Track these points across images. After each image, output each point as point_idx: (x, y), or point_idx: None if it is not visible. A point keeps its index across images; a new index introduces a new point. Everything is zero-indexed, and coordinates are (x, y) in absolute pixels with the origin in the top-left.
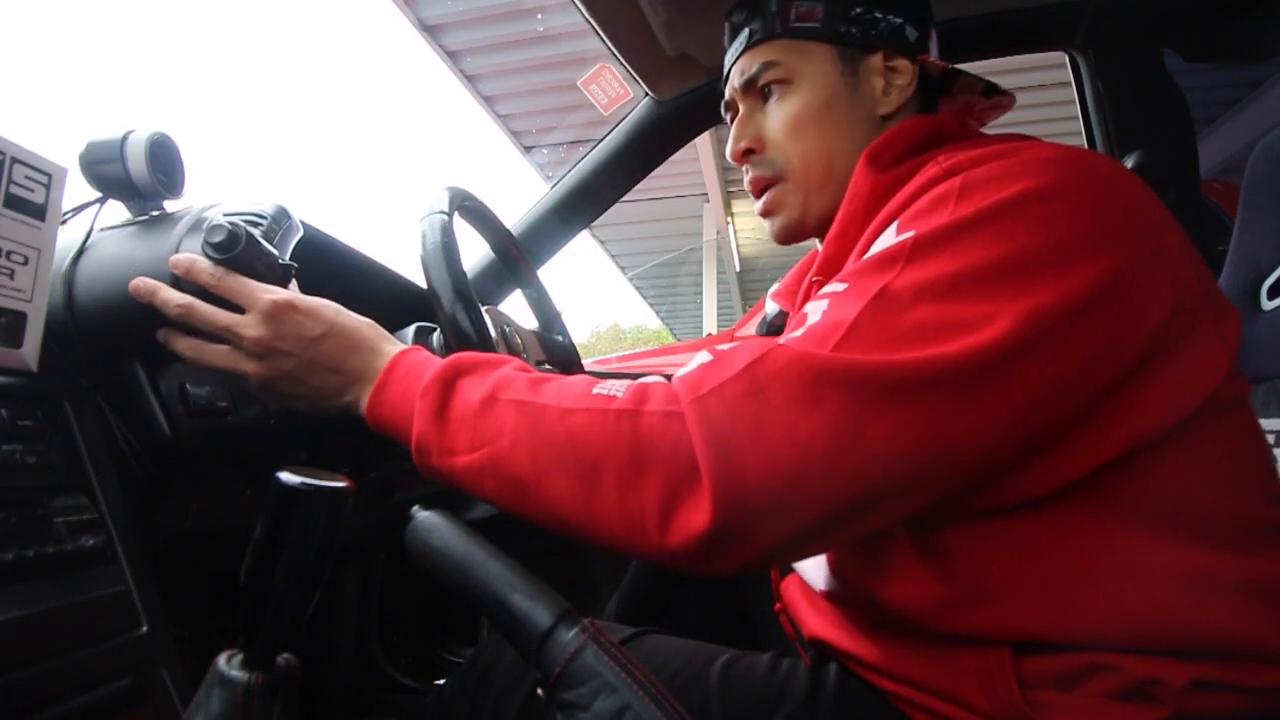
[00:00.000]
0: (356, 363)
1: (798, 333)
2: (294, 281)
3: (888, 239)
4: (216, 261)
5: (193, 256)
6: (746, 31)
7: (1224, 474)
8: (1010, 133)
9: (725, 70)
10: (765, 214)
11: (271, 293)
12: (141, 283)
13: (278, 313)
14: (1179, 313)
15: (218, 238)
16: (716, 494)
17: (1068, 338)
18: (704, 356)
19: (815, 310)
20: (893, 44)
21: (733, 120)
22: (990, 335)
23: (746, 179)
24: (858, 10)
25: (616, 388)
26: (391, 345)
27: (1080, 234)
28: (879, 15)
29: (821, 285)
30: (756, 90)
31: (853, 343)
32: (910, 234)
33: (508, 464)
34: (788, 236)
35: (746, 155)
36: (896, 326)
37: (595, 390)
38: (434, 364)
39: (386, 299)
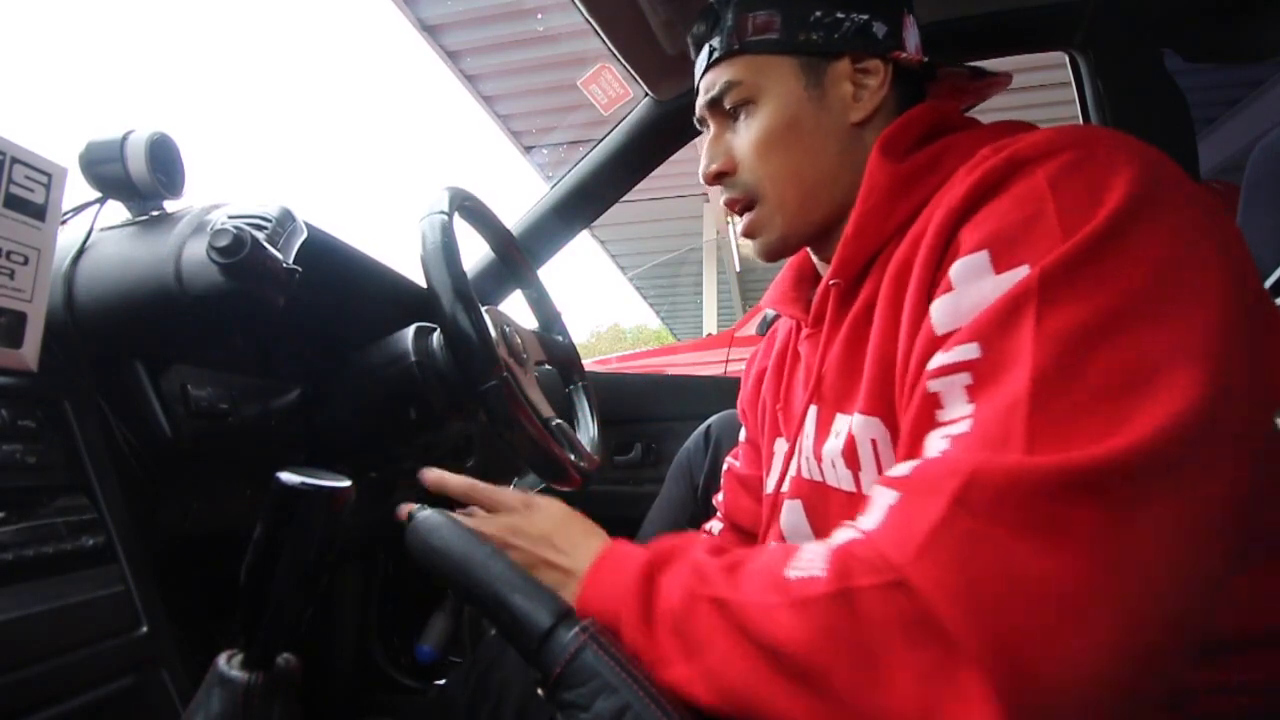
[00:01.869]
0: (566, 562)
1: (956, 429)
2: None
3: (981, 278)
4: (221, 266)
5: (443, 474)
6: (707, 48)
7: None
8: (1010, 120)
9: (695, 83)
10: (747, 235)
11: (506, 498)
12: (431, 474)
13: (511, 514)
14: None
15: (223, 242)
16: (989, 674)
17: (1244, 340)
18: (882, 496)
19: (953, 389)
20: (859, 45)
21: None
22: (1191, 371)
23: (723, 198)
24: (817, 14)
25: (815, 563)
26: (600, 540)
27: (1200, 234)
28: (841, 16)
29: (841, 290)
30: (721, 109)
31: (1048, 437)
32: (1025, 270)
33: (725, 678)
34: (773, 256)
35: (719, 177)
36: (1083, 397)
37: (791, 573)
38: (635, 560)
39: (387, 299)
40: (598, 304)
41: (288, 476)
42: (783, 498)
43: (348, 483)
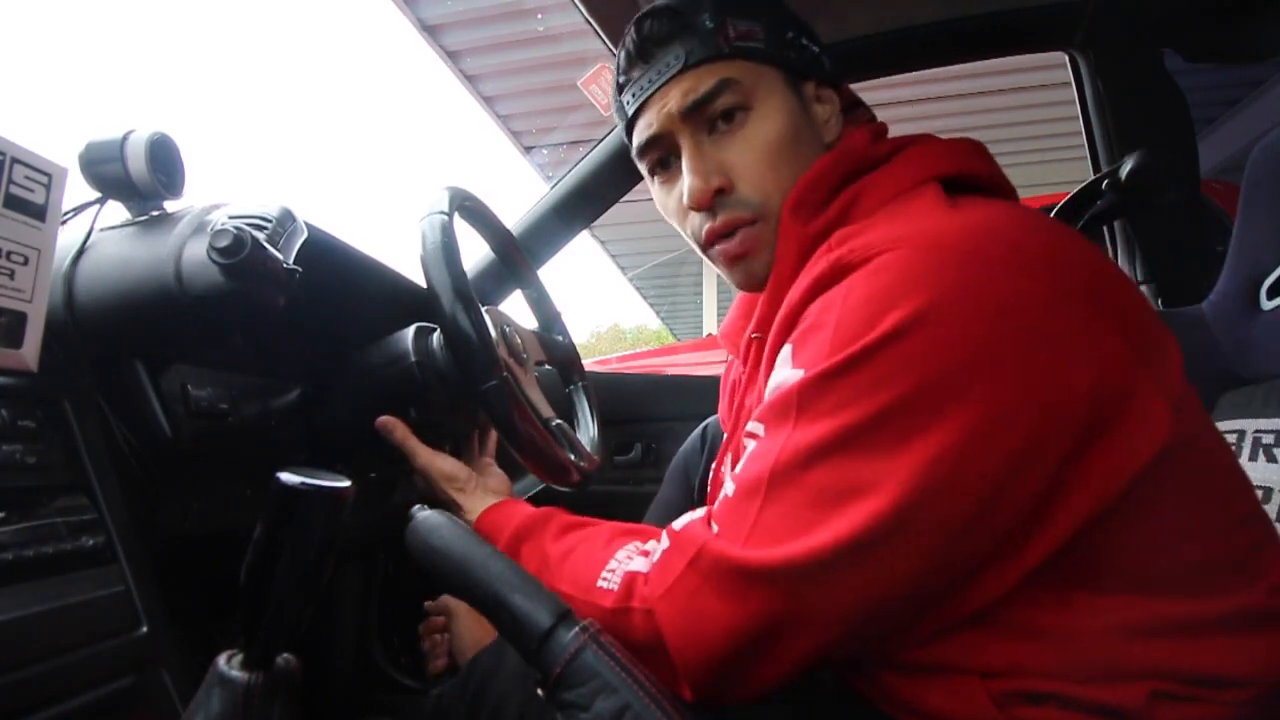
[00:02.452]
0: (465, 502)
1: (727, 487)
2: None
3: (784, 368)
4: (221, 266)
5: (391, 421)
6: (679, 51)
7: (1174, 522)
8: (912, 134)
9: (638, 100)
10: (739, 256)
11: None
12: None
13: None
14: (1105, 390)
15: (223, 242)
16: (688, 680)
17: (966, 476)
18: (662, 542)
19: (740, 465)
20: (820, 73)
21: (655, 162)
22: (885, 500)
23: (707, 224)
24: (790, 35)
25: (615, 579)
26: (482, 502)
27: (963, 363)
28: (805, 42)
29: (762, 344)
30: (703, 116)
31: (761, 534)
32: (800, 375)
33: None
34: (762, 283)
35: (716, 196)
36: (798, 501)
37: (600, 582)
38: (506, 527)
39: (387, 299)
40: (598, 304)
41: (288, 476)
42: None
43: (348, 483)
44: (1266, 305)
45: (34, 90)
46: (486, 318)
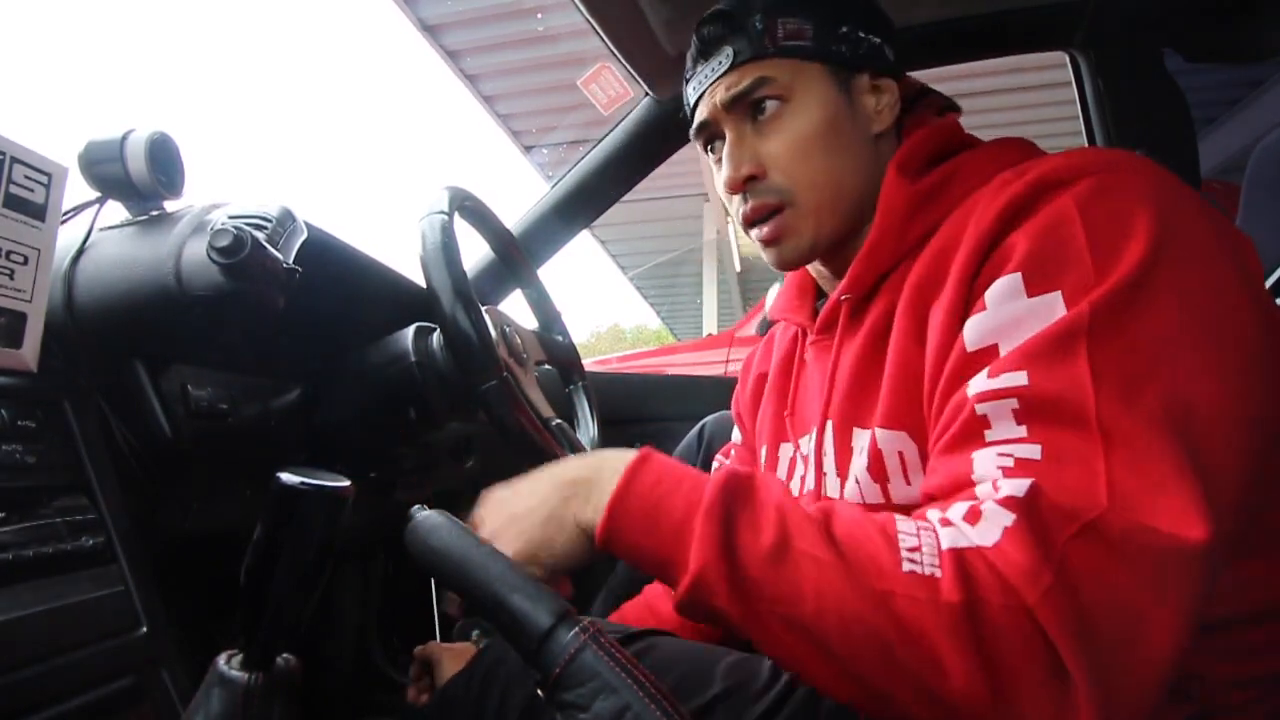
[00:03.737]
0: (577, 486)
1: (1020, 450)
2: None
3: (1010, 301)
4: (221, 266)
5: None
6: (729, 50)
7: None
8: (1011, 137)
9: (697, 92)
10: (770, 241)
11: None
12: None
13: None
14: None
15: (223, 242)
16: (1095, 700)
17: (1265, 352)
18: (997, 515)
19: (1001, 412)
20: (877, 64)
21: (706, 145)
22: (1223, 409)
23: (743, 208)
24: (844, 30)
25: (928, 556)
26: (621, 452)
27: (1214, 247)
28: (863, 35)
29: (852, 304)
30: (745, 108)
31: (1129, 493)
32: (1057, 294)
33: (816, 632)
34: (796, 263)
35: (748, 182)
36: (1145, 441)
37: (906, 560)
38: (698, 482)
39: (386, 299)
40: (598, 304)
41: (288, 476)
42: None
43: (348, 483)
44: None
45: (34, 90)
46: (486, 318)
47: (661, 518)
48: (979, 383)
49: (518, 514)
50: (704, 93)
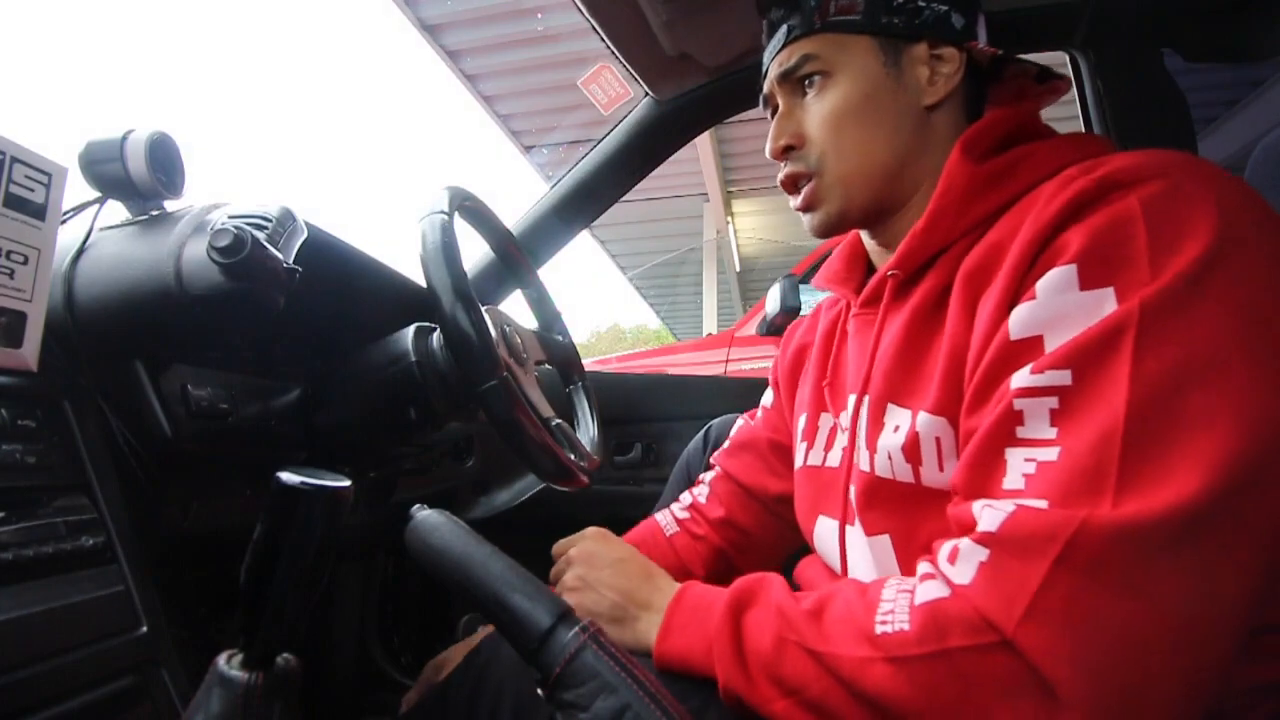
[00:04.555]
0: (645, 593)
1: (1042, 454)
2: None
3: (1065, 279)
4: (221, 266)
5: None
6: (785, 28)
7: None
8: (1083, 134)
9: (764, 66)
10: (803, 209)
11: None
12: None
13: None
14: None
15: (223, 242)
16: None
17: None
18: (973, 552)
19: (1038, 410)
20: (938, 32)
21: (772, 116)
22: (1274, 401)
23: (781, 174)
24: (900, 0)
25: (899, 616)
26: (667, 580)
27: (1276, 259)
28: (922, 4)
29: (899, 280)
30: (794, 82)
31: (1140, 478)
32: (1109, 290)
33: (828, 709)
34: (827, 231)
35: (786, 151)
36: (1175, 436)
37: (880, 626)
38: (717, 602)
39: (386, 299)
40: (598, 304)
41: (288, 476)
42: (829, 473)
43: (348, 483)
44: None
45: (34, 90)
46: (486, 318)
47: (694, 645)
48: (1022, 377)
49: (602, 579)
50: (767, 67)
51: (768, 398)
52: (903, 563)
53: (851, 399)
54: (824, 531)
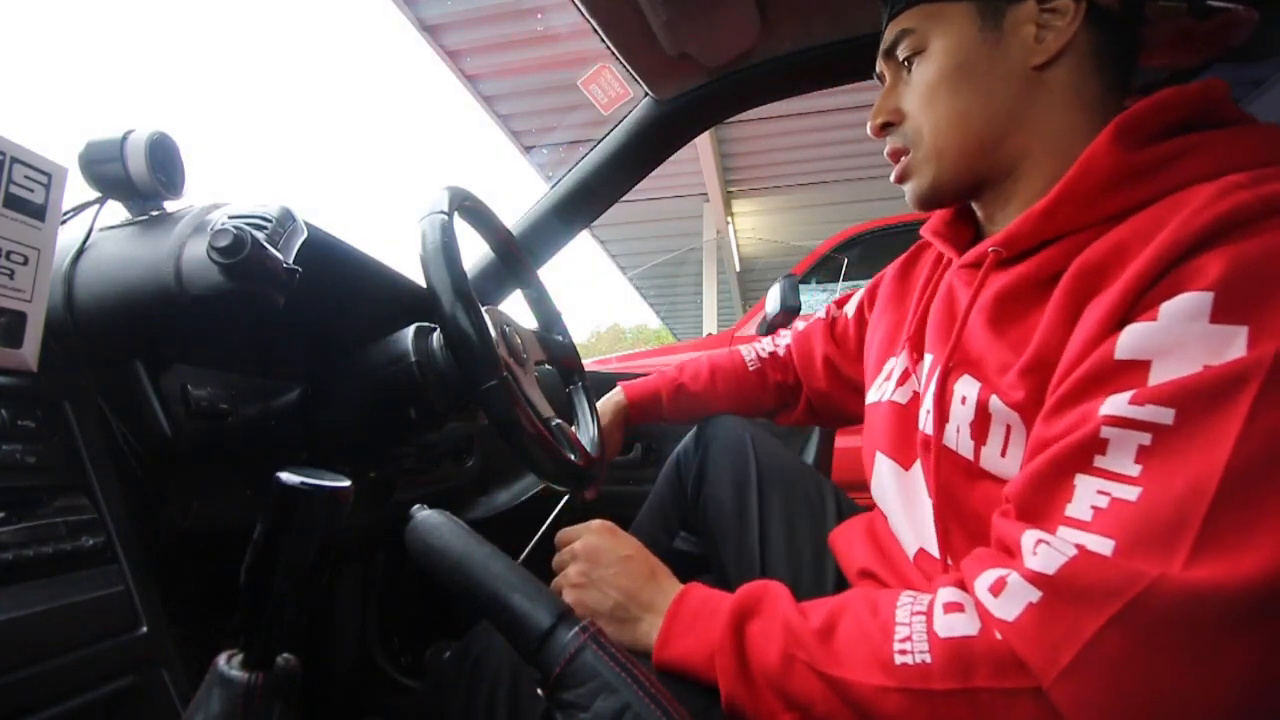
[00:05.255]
0: (648, 593)
1: (1119, 490)
2: None
3: (1197, 307)
4: (221, 266)
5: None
6: (890, 4)
7: None
8: (1267, 124)
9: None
10: (897, 181)
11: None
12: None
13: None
14: None
15: (223, 242)
16: None
17: None
18: (1023, 591)
19: (1125, 443)
20: None
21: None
22: None
23: (886, 150)
24: None
25: (919, 647)
26: (671, 581)
27: None
28: None
29: (999, 257)
30: (896, 59)
31: (1222, 541)
32: (1242, 331)
33: None
34: (922, 204)
35: (884, 129)
36: (1266, 507)
37: (899, 656)
38: (720, 610)
39: (387, 299)
40: (598, 304)
41: (288, 476)
42: (896, 409)
43: (348, 483)
44: None
45: (34, 90)
46: (486, 318)
47: (695, 652)
48: (1116, 403)
49: (606, 577)
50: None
51: (851, 307)
52: (938, 526)
53: (929, 358)
54: (882, 469)
